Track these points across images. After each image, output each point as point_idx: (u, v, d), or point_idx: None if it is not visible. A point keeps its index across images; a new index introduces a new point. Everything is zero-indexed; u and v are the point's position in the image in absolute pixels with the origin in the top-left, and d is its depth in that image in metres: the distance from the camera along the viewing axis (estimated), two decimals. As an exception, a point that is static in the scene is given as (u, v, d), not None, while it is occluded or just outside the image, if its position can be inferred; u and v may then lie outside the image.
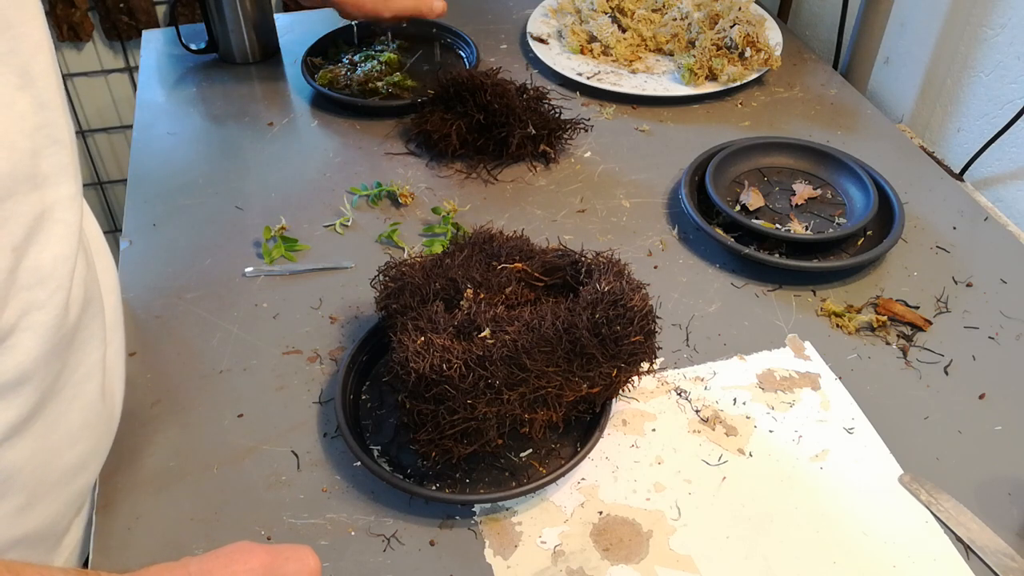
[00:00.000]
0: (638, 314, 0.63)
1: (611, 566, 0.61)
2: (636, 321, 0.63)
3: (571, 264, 0.69)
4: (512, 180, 0.97)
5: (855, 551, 0.63)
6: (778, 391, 0.74)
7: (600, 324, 0.61)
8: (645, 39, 1.17)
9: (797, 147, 0.97)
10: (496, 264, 0.69)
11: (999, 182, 1.01)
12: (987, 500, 0.66)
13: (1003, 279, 0.85)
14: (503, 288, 0.67)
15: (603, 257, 0.67)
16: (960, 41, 1.04)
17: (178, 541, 0.63)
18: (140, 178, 0.97)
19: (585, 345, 0.61)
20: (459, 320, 0.63)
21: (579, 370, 0.62)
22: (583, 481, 0.67)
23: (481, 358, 0.59)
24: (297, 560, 0.52)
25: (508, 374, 0.59)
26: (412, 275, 0.68)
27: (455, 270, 0.68)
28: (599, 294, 0.63)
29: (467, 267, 0.68)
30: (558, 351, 0.61)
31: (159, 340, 0.78)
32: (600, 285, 0.63)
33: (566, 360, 0.62)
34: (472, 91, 0.95)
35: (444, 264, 0.69)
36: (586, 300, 0.63)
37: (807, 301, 0.83)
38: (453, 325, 0.63)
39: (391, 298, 0.68)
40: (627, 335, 0.62)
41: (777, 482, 0.67)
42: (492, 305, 0.65)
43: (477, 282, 0.67)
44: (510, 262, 0.69)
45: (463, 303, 0.65)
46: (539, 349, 0.60)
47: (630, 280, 0.65)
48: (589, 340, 0.61)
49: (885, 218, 0.88)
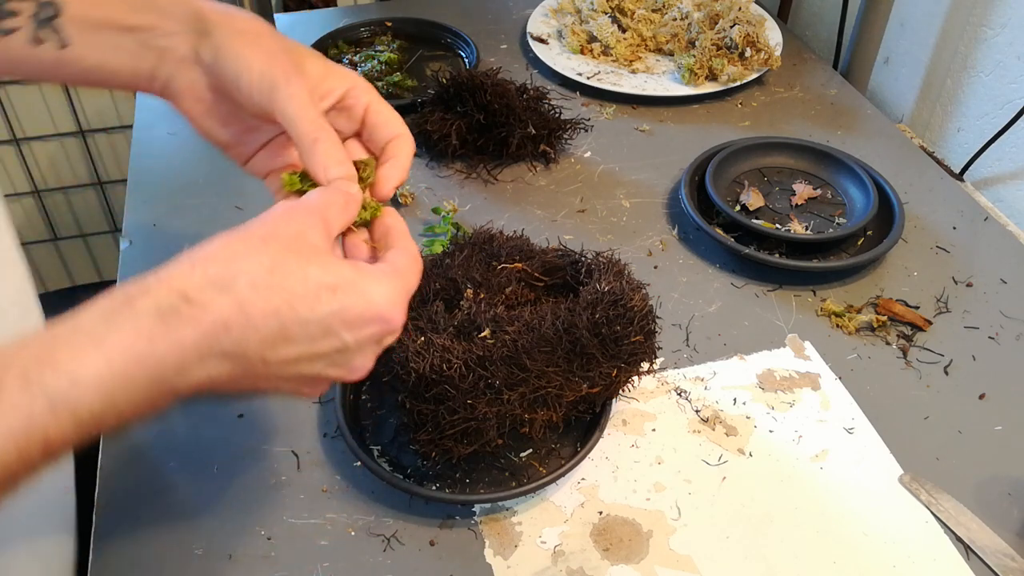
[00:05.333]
0: (638, 314, 0.63)
1: (611, 566, 0.61)
2: (636, 321, 0.63)
3: (571, 264, 0.69)
4: (512, 180, 0.97)
5: (855, 551, 0.63)
6: (778, 391, 0.74)
7: (600, 324, 0.61)
8: (645, 39, 1.17)
9: (797, 147, 0.97)
10: (496, 264, 0.69)
11: (999, 182, 1.01)
12: (987, 500, 0.66)
13: (1003, 279, 0.85)
14: (503, 288, 0.68)
15: (603, 257, 0.67)
16: (960, 41, 1.04)
17: (178, 541, 0.63)
18: (140, 178, 0.97)
19: (585, 345, 0.61)
20: (459, 320, 0.63)
21: (579, 370, 0.62)
22: (583, 481, 0.67)
23: (481, 358, 0.59)
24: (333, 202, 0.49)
25: (508, 374, 0.59)
26: None
27: (455, 270, 0.68)
28: (599, 294, 0.63)
29: (467, 267, 0.68)
30: (558, 351, 0.61)
31: (159, 340, 0.78)
32: (600, 285, 0.63)
33: (566, 360, 0.62)
34: (472, 91, 0.95)
35: (444, 264, 0.69)
36: (586, 300, 0.63)
37: (807, 301, 0.83)
38: (453, 325, 0.63)
39: None
40: (627, 335, 0.62)
41: (777, 482, 0.67)
42: (492, 305, 0.65)
43: (477, 282, 0.67)
44: (510, 262, 0.69)
45: (463, 303, 0.65)
46: (539, 349, 0.60)
47: (630, 280, 0.65)
48: (589, 340, 0.61)
49: (885, 218, 0.88)
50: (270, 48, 0.54)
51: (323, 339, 0.44)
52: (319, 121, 0.53)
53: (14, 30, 0.54)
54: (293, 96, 0.52)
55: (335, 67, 0.57)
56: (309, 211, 0.47)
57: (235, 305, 0.41)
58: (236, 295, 0.41)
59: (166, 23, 0.55)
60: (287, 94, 0.52)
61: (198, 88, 0.56)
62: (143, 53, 0.55)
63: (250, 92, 0.53)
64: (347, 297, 0.44)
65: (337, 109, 0.57)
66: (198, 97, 0.57)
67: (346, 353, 0.45)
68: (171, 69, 0.56)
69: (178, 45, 0.55)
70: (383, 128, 0.56)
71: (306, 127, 0.52)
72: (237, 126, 0.59)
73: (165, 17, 0.55)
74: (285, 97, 0.52)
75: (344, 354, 0.45)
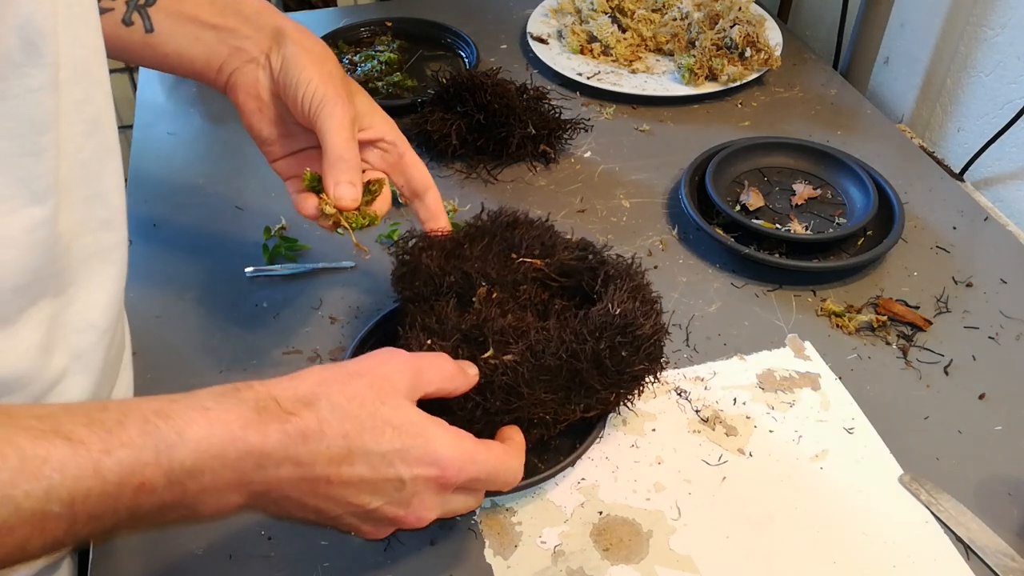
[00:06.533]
0: (646, 341, 0.61)
1: (611, 566, 0.61)
2: (643, 349, 0.61)
3: (589, 270, 0.67)
4: (512, 180, 0.97)
5: (855, 551, 0.63)
6: (778, 391, 0.74)
7: (603, 355, 0.60)
8: (645, 39, 1.17)
9: (797, 147, 0.97)
10: (515, 256, 0.68)
11: (999, 182, 1.01)
12: (987, 500, 0.66)
13: (1003, 279, 0.85)
14: (518, 285, 0.67)
15: (623, 266, 0.66)
16: (960, 41, 1.04)
17: (178, 541, 0.63)
18: (140, 178, 0.97)
19: (585, 377, 0.60)
20: (467, 325, 0.62)
21: (576, 397, 0.61)
22: (583, 481, 0.67)
23: (480, 386, 0.58)
24: (436, 366, 0.54)
25: (506, 400, 0.58)
26: (429, 261, 0.67)
27: (472, 262, 0.67)
28: (609, 317, 0.60)
29: (484, 259, 0.67)
30: (557, 380, 0.60)
31: (159, 340, 0.78)
32: (612, 306, 0.61)
33: (564, 388, 0.60)
34: (472, 91, 0.95)
35: (463, 252, 0.68)
36: (594, 323, 0.60)
37: (807, 301, 0.83)
38: (460, 329, 0.62)
39: (404, 281, 0.67)
40: (631, 363, 0.61)
41: (777, 482, 0.67)
42: (506, 311, 0.64)
43: (492, 279, 0.66)
44: (530, 255, 0.68)
45: (475, 302, 0.65)
46: (539, 378, 0.59)
47: (646, 297, 0.63)
48: (590, 372, 0.60)
49: (885, 218, 0.88)
50: (331, 72, 0.63)
51: (383, 470, 0.47)
52: (349, 143, 0.62)
53: (110, 10, 0.62)
54: (335, 116, 0.61)
55: (379, 108, 0.68)
56: (406, 361, 0.52)
57: (315, 421, 0.46)
58: (317, 412, 0.46)
59: (246, 28, 0.64)
60: (330, 112, 0.61)
61: (258, 87, 0.65)
62: (219, 48, 0.64)
63: (303, 102, 0.62)
64: (410, 439, 0.48)
65: (373, 145, 0.68)
66: (254, 95, 0.65)
67: (403, 490, 0.48)
68: (239, 65, 0.65)
69: (251, 47, 0.64)
70: (420, 179, 0.70)
71: (337, 144, 0.61)
72: (280, 128, 0.67)
73: (247, 23, 0.64)
74: (328, 115, 0.61)
75: (401, 491, 0.48)
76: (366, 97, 0.68)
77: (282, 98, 0.64)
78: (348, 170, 0.61)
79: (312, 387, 0.47)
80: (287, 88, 0.63)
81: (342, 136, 0.61)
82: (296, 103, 0.62)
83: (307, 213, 0.64)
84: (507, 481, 0.53)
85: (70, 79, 0.49)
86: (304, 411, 0.45)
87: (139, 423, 0.41)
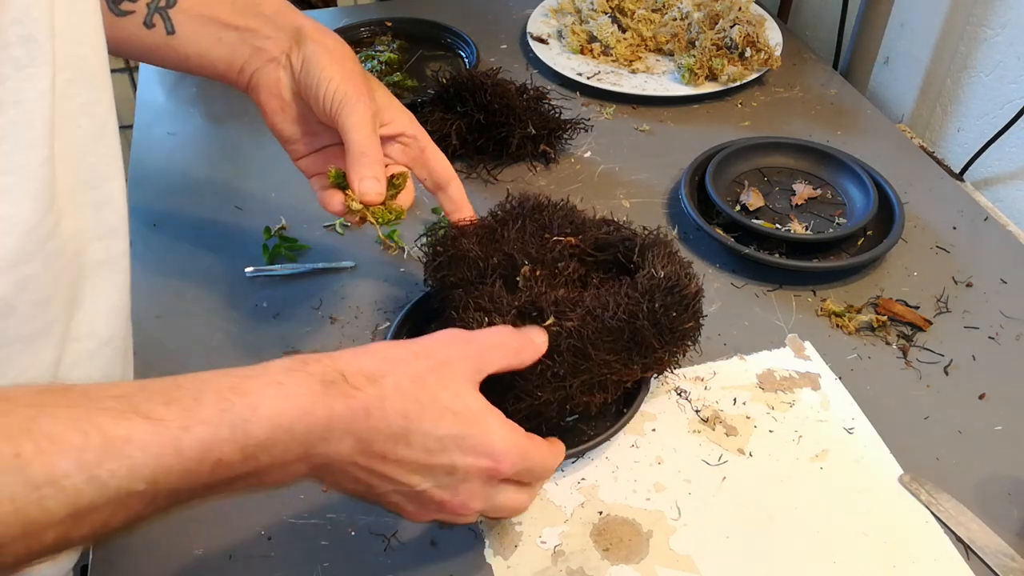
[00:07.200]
0: (692, 299, 0.63)
1: (611, 566, 0.61)
2: (690, 307, 0.63)
3: (622, 241, 0.69)
4: (512, 180, 0.97)
5: (855, 551, 0.63)
6: (778, 391, 0.74)
7: (659, 312, 0.62)
8: (645, 39, 1.17)
9: (797, 147, 0.97)
10: (549, 236, 0.69)
11: (999, 182, 1.01)
12: (987, 500, 0.66)
13: (1003, 279, 0.85)
14: (557, 262, 0.67)
15: (653, 235, 0.68)
16: (960, 41, 1.04)
17: (178, 541, 0.62)
18: (140, 178, 0.97)
19: (645, 334, 0.62)
20: (521, 302, 0.62)
21: (637, 356, 0.62)
22: (583, 481, 0.67)
23: (548, 352, 0.59)
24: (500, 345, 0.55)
25: (574, 363, 0.60)
26: (467, 246, 0.67)
27: (511, 243, 0.67)
28: (657, 280, 0.63)
29: (521, 240, 0.68)
30: (620, 340, 0.61)
31: (159, 340, 0.78)
32: (656, 270, 0.63)
33: (626, 349, 0.62)
34: (472, 91, 0.95)
35: (498, 235, 0.69)
36: (644, 287, 0.62)
37: (807, 301, 0.83)
38: (515, 306, 0.62)
39: (444, 269, 0.68)
40: (682, 321, 0.63)
41: (777, 482, 0.67)
42: (551, 286, 0.65)
43: (533, 258, 0.67)
44: (563, 235, 0.69)
45: (519, 280, 0.65)
46: (603, 339, 0.60)
47: (682, 263, 0.65)
48: (649, 330, 0.62)
49: (885, 218, 0.88)
50: (352, 69, 0.64)
51: (437, 454, 0.48)
52: (372, 139, 0.62)
53: (130, 12, 0.63)
54: (356, 112, 0.61)
55: (398, 103, 0.69)
56: (467, 343, 0.52)
57: (378, 398, 0.46)
58: (380, 389, 0.46)
59: (266, 28, 0.65)
60: (352, 109, 0.61)
61: (280, 87, 0.66)
62: (240, 48, 0.65)
63: (324, 100, 0.62)
64: (467, 427, 0.48)
65: (394, 140, 0.68)
66: (276, 94, 0.66)
67: (454, 475, 0.49)
68: (260, 65, 0.65)
69: (272, 47, 0.65)
70: (443, 172, 0.71)
71: (360, 140, 0.61)
72: (302, 127, 0.68)
73: (267, 24, 0.65)
74: (350, 112, 0.61)
75: (452, 476, 0.49)
76: (385, 92, 0.68)
77: (303, 97, 0.65)
78: (371, 165, 0.62)
79: (378, 364, 0.47)
80: (308, 87, 0.63)
81: (364, 132, 0.62)
82: (317, 101, 0.63)
83: (333, 209, 0.65)
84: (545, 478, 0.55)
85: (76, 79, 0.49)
86: (369, 387, 0.46)
87: (215, 400, 0.41)
